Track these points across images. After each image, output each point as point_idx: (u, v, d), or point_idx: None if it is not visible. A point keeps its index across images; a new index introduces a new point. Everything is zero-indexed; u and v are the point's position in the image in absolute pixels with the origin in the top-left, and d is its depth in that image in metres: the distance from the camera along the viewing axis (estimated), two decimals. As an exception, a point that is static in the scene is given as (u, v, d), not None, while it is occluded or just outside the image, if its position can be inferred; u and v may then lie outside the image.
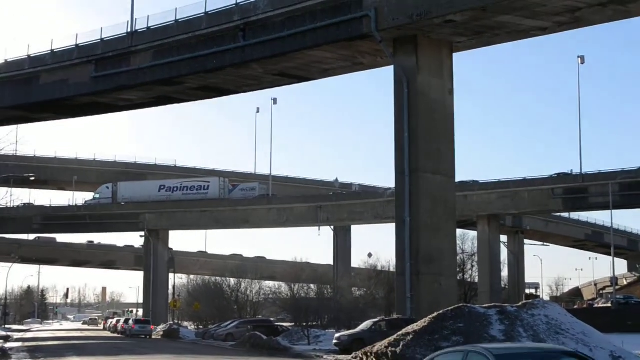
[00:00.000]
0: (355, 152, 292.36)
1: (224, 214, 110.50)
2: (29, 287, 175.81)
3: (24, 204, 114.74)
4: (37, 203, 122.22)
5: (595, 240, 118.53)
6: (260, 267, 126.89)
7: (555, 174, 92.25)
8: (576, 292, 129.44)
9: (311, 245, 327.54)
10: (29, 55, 65.30)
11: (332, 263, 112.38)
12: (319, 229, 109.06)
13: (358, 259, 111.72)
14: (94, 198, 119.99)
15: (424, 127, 47.22)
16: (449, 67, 48.80)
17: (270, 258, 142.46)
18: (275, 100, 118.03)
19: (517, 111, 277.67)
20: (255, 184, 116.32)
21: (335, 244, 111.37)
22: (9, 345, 58.36)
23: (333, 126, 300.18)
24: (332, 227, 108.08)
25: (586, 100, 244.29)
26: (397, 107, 48.03)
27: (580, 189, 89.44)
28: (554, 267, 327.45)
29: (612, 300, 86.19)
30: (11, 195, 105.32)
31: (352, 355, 39.94)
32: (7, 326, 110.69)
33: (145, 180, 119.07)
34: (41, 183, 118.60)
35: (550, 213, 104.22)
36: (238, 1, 53.21)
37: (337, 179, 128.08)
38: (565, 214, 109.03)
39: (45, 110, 68.95)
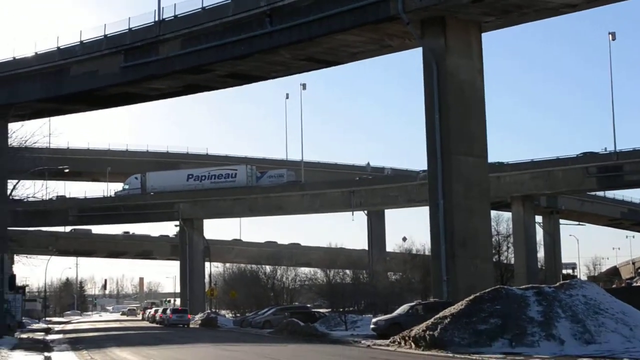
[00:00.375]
0: (387, 136, 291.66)
1: (257, 201, 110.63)
2: (67, 279, 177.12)
3: (59, 196, 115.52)
4: (71, 195, 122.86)
5: (632, 219, 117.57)
6: (295, 254, 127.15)
7: (581, 153, 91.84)
8: (614, 272, 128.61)
9: (345, 230, 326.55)
10: (58, 47, 65.60)
11: (366, 248, 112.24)
12: (353, 214, 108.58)
13: (392, 243, 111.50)
14: (123, 189, 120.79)
15: (454, 109, 47.06)
16: (478, 48, 48.63)
17: (304, 244, 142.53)
18: (304, 86, 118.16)
19: (547, 90, 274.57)
20: (283, 170, 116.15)
21: (369, 229, 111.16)
22: (50, 337, 58.79)
23: (363, 110, 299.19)
24: (366, 211, 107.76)
25: (618, 77, 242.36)
26: (427, 89, 47.88)
27: (615, 167, 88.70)
28: (590, 247, 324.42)
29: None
30: (46, 188, 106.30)
31: (390, 340, 39.94)
32: (47, 318, 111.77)
33: (173, 170, 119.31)
34: (75, 175, 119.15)
35: (585, 192, 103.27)
36: (265, -14, 53.20)
37: (368, 163, 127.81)
38: (601, 193, 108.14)
39: (76, 102, 69.36)
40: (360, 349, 38.75)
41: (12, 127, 66.73)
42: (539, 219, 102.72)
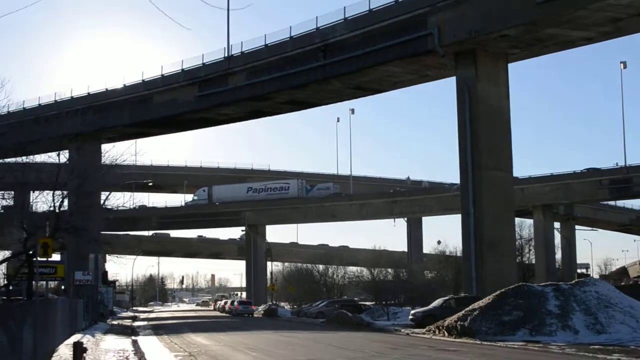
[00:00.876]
0: (424, 153, 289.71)
1: (312, 209, 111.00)
2: (150, 275, 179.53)
3: (142, 205, 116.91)
4: (154, 205, 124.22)
5: (639, 224, 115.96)
6: (344, 255, 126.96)
7: (595, 168, 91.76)
8: (623, 271, 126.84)
9: (387, 234, 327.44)
10: (143, 80, 66.52)
11: (406, 250, 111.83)
12: (394, 221, 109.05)
13: (429, 246, 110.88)
14: (193, 200, 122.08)
15: (483, 130, 46.99)
16: (504, 76, 48.44)
17: (352, 247, 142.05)
18: (352, 111, 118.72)
19: (565, 112, 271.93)
20: (330, 184, 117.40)
21: (408, 233, 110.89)
22: (136, 324, 59.45)
23: (403, 130, 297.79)
24: (406, 218, 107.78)
25: (628, 101, 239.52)
26: (460, 113, 47.89)
27: (624, 180, 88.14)
28: (602, 249, 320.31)
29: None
30: (133, 199, 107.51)
31: (425, 329, 39.97)
32: (134, 308, 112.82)
33: (236, 184, 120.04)
34: (157, 187, 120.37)
35: (598, 202, 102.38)
36: (318, 26, 53.60)
37: (408, 177, 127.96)
38: (612, 202, 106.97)
39: (158, 126, 70.19)
40: (400, 336, 38.76)
41: (105, 147, 67.57)
42: (557, 225, 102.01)
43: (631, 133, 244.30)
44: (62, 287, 59.99)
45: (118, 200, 65.51)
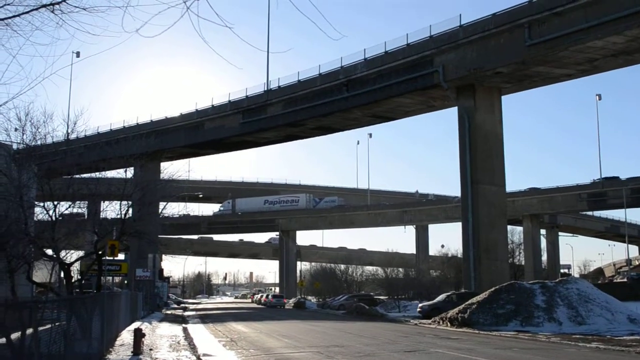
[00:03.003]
0: (430, 170, 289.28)
1: (335, 217, 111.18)
2: (199, 272, 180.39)
3: (186, 214, 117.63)
4: (203, 213, 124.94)
5: (613, 232, 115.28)
6: (362, 256, 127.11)
7: (576, 184, 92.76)
8: (599, 271, 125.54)
9: (399, 239, 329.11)
10: (196, 109, 66.94)
11: (414, 252, 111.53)
12: (405, 228, 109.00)
13: (434, 249, 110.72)
14: (220, 210, 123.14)
15: (481, 151, 46.90)
16: (498, 106, 48.37)
17: (369, 249, 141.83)
18: (370, 135, 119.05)
19: (550, 137, 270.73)
20: (334, 197, 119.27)
21: (417, 238, 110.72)
22: (186, 313, 59.58)
23: (413, 151, 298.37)
24: (415, 226, 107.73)
25: (603, 126, 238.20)
26: (461, 137, 47.77)
27: (600, 194, 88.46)
28: (581, 253, 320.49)
29: (627, 277, 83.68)
30: (186, 208, 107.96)
31: (431, 320, 39.83)
32: (184, 300, 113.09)
33: (255, 197, 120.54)
34: (206, 199, 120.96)
35: (578, 212, 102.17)
36: (343, 64, 53.71)
37: (417, 191, 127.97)
38: (590, 212, 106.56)
39: (208, 148, 70.51)
40: (410, 326, 38.53)
41: (164, 165, 67.75)
42: (543, 231, 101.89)
43: (606, 153, 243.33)
44: (125, 281, 60.19)
45: (173, 209, 66.30)
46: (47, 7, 8.33)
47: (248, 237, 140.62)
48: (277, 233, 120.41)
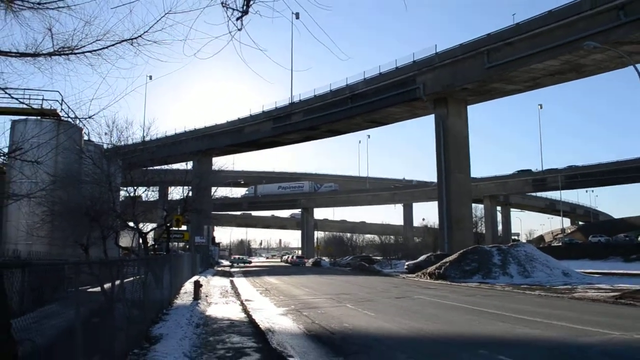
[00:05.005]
0: (414, 161, 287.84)
1: (342, 198, 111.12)
2: (241, 239, 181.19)
3: (242, 195, 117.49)
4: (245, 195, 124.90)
5: (551, 208, 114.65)
6: (363, 227, 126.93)
7: (522, 170, 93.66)
8: (541, 238, 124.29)
9: (391, 214, 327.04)
10: (238, 117, 66.85)
11: (402, 224, 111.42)
12: (395, 206, 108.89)
13: (417, 221, 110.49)
14: (245, 194, 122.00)
15: (452, 148, 46.63)
16: (465, 113, 48.06)
17: (368, 222, 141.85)
18: (369, 136, 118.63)
19: (504, 135, 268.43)
20: (331, 183, 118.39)
21: (404, 214, 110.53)
22: (232, 270, 59.88)
23: (402, 148, 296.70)
24: (402, 204, 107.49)
25: (544, 127, 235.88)
26: (437, 137, 47.52)
27: (542, 179, 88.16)
28: (527, 224, 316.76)
29: (562, 242, 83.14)
30: (231, 191, 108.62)
31: (415, 274, 39.82)
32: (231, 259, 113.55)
33: (271, 184, 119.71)
34: (246, 184, 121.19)
35: (524, 193, 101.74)
36: (348, 83, 53.57)
37: (404, 178, 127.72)
38: (534, 193, 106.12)
39: (247, 146, 70.42)
40: (399, 279, 38.52)
41: (214, 159, 68.16)
42: (499, 208, 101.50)
43: (546, 147, 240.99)
44: (187, 246, 60.55)
45: (222, 192, 66.56)
46: (127, 41, 8.46)
47: (277, 213, 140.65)
48: (299, 210, 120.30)
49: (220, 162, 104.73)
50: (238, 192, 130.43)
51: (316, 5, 6.19)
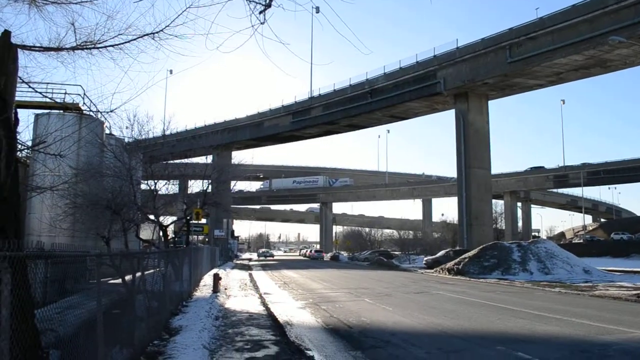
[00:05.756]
0: (434, 156, 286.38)
1: (361, 192, 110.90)
2: (260, 233, 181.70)
3: (257, 189, 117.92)
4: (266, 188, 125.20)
5: (572, 205, 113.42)
6: (381, 221, 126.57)
7: (543, 166, 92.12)
8: (561, 234, 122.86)
9: (409, 209, 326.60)
10: (258, 112, 67.02)
11: (421, 219, 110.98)
12: (414, 201, 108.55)
13: (436, 217, 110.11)
14: (260, 188, 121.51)
15: (472, 143, 46.27)
16: (486, 109, 47.61)
17: (386, 217, 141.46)
18: (388, 131, 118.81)
19: (525, 132, 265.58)
20: (346, 178, 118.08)
21: (423, 209, 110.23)
22: (251, 263, 60.21)
23: (421, 142, 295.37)
24: (421, 199, 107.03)
25: (566, 123, 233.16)
26: (457, 132, 47.19)
27: (563, 176, 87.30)
28: (548, 220, 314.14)
29: (583, 238, 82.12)
30: (250, 184, 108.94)
31: (434, 270, 39.63)
32: (250, 253, 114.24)
33: (286, 178, 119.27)
34: (265, 178, 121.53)
35: (546, 189, 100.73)
36: (368, 77, 53.32)
37: (423, 173, 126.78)
38: (555, 190, 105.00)
39: (267, 140, 70.62)
40: (417, 274, 38.39)
41: (234, 154, 68.71)
42: (519, 204, 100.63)
43: (568, 145, 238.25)
44: (207, 239, 61.04)
45: (241, 186, 66.85)
46: (148, 35, 8.52)
47: (296, 207, 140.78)
48: (318, 204, 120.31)
49: (240, 157, 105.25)
50: (256, 186, 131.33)
51: (337, -1, 6.18)
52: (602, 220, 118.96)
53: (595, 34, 35.44)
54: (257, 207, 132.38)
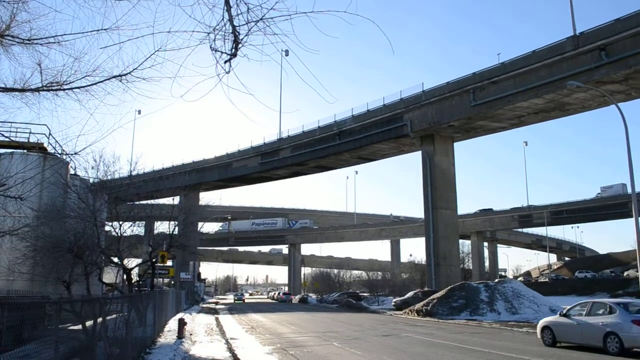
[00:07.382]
0: (401, 198, 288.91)
1: (329, 234, 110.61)
2: (227, 275, 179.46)
3: (216, 231, 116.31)
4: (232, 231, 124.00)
5: (538, 244, 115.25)
6: (349, 263, 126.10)
7: (509, 208, 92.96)
8: (527, 273, 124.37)
9: (378, 250, 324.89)
10: (226, 153, 66.86)
11: (390, 260, 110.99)
12: (382, 241, 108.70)
13: (404, 257, 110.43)
14: (219, 229, 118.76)
15: (438, 184, 46.74)
16: (452, 150, 48.31)
17: (354, 257, 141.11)
18: (357, 172, 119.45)
19: (490, 173, 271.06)
20: (307, 219, 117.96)
21: (391, 249, 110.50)
22: (217, 307, 59.00)
23: (388, 183, 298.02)
24: (390, 240, 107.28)
25: (529, 164, 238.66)
26: (424, 173, 47.67)
27: (527, 215, 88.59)
28: (514, 259, 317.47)
29: (548, 277, 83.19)
30: (219, 226, 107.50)
31: (403, 311, 39.42)
32: (216, 297, 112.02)
33: (244, 220, 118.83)
34: (233, 219, 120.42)
35: (511, 229, 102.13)
36: (336, 119, 53.88)
37: (391, 214, 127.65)
38: (520, 229, 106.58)
39: (235, 181, 70.22)
40: (386, 316, 38.15)
41: (202, 194, 68.17)
42: (485, 244, 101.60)
43: (535, 182, 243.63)
44: (172, 282, 59.76)
45: (208, 227, 66.05)
46: (116, 77, 8.49)
47: (263, 248, 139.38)
48: (282, 246, 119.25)
49: (208, 197, 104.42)
50: (216, 227, 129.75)
51: (305, 49, 6.27)
52: (567, 259, 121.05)
53: (554, 78, 36.74)
54: (225, 248, 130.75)
